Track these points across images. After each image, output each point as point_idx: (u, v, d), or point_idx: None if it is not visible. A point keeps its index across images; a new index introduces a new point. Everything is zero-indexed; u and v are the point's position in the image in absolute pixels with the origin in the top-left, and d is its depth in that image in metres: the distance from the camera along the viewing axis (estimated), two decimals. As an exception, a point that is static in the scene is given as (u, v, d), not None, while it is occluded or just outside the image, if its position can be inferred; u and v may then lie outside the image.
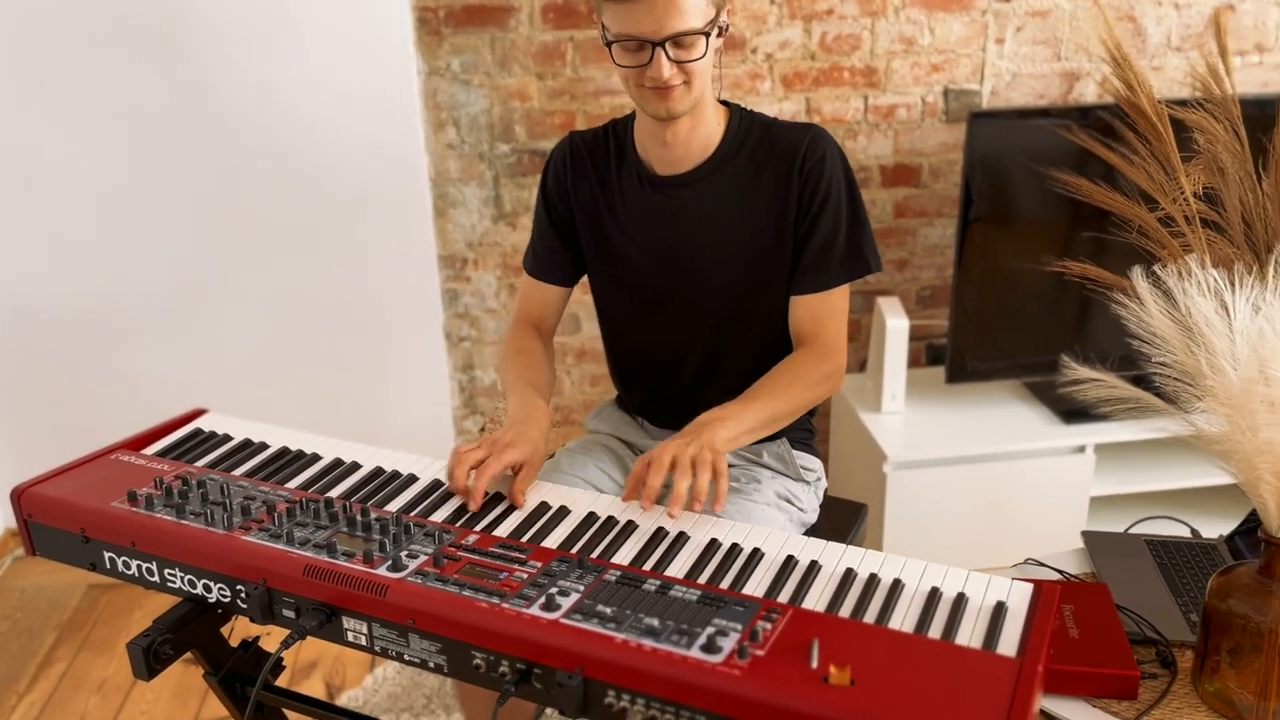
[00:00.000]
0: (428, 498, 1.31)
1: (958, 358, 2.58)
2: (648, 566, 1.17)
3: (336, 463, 1.40)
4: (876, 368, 2.63)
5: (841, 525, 1.79)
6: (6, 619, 2.59)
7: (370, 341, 2.83)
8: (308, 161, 2.64)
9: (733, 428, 1.40)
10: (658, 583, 1.10)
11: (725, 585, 1.13)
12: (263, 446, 1.44)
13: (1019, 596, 1.10)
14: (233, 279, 2.73)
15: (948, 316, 2.59)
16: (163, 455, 1.41)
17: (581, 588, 1.09)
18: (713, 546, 1.20)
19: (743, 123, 1.59)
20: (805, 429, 1.75)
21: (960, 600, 1.09)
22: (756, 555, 1.19)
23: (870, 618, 1.07)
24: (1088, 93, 2.75)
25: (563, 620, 1.03)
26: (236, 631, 1.35)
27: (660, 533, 1.23)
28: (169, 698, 2.28)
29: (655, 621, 1.02)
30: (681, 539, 1.22)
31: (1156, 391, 1.20)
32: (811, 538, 1.23)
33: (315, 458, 1.41)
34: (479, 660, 1.05)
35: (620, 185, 1.63)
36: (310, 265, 2.73)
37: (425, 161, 2.69)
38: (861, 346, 2.91)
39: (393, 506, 1.29)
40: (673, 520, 1.26)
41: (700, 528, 1.24)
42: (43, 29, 2.47)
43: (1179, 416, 1.18)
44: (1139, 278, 1.20)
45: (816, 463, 1.74)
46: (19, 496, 1.29)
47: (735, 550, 1.20)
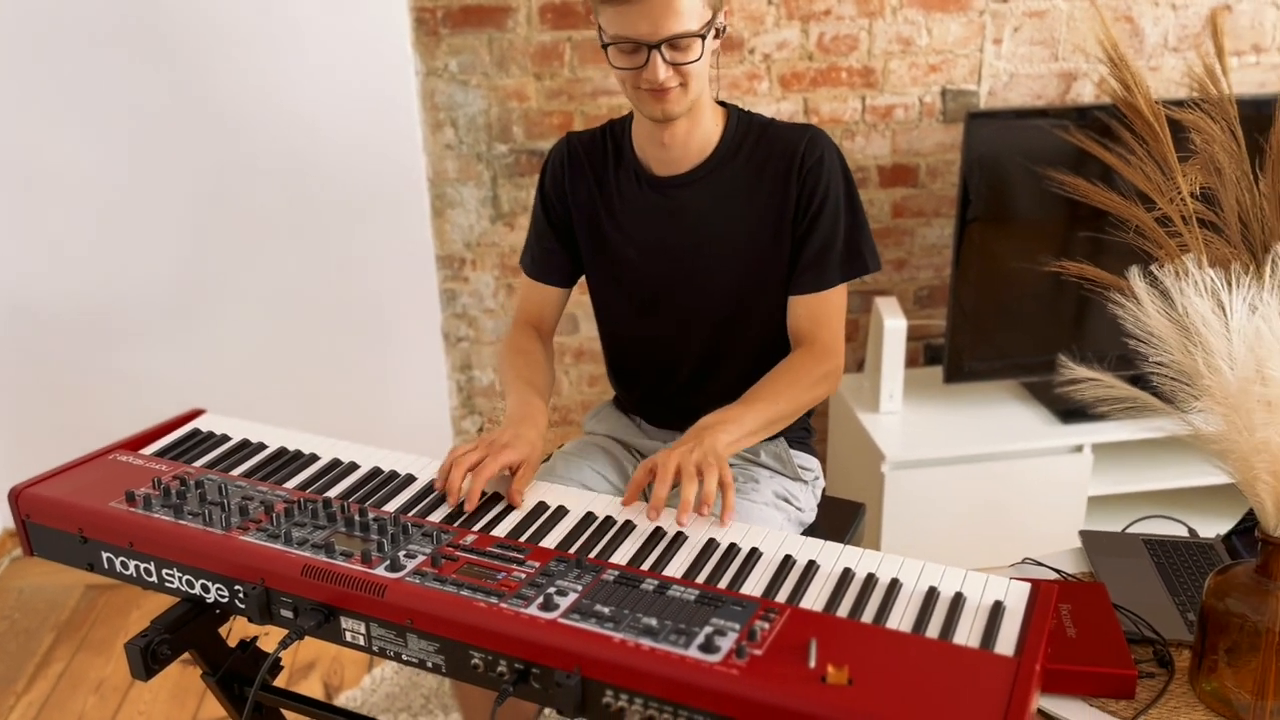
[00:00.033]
0: (426, 498, 1.31)
1: (955, 357, 2.58)
2: (646, 566, 1.17)
3: (334, 463, 1.40)
4: (874, 367, 2.63)
5: (839, 525, 1.79)
6: (4, 619, 2.58)
7: (368, 342, 2.83)
8: (306, 162, 2.64)
9: (733, 431, 1.40)
10: (656, 582, 1.10)
11: (723, 585, 1.13)
12: (261, 447, 1.44)
13: (1016, 596, 1.10)
14: (231, 279, 2.73)
15: (945, 316, 2.59)
16: (161, 455, 1.41)
17: (579, 587, 1.09)
18: (710, 546, 1.21)
19: (740, 123, 1.59)
20: (803, 428, 1.75)
21: (958, 600, 1.09)
22: (754, 555, 1.19)
23: (868, 617, 1.07)
24: (1085, 93, 2.75)
25: (561, 620, 1.03)
26: (234, 632, 1.35)
27: (658, 532, 1.24)
28: (167, 698, 2.28)
29: (653, 621, 1.03)
30: (679, 539, 1.22)
31: (1154, 391, 1.20)
32: (809, 537, 1.23)
33: (313, 458, 1.41)
34: (477, 660, 1.05)
35: (618, 186, 1.63)
36: (308, 265, 2.73)
37: (423, 162, 2.69)
38: (859, 346, 2.91)
39: (391, 506, 1.29)
40: (671, 520, 1.26)
41: (698, 528, 1.24)
42: (42, 30, 2.47)
43: (1176, 416, 1.19)
44: (1136, 277, 1.20)
45: (814, 462, 1.74)
46: (17, 497, 1.29)
47: (733, 550, 1.20)
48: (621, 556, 1.19)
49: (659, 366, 1.71)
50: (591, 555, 1.19)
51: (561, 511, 1.29)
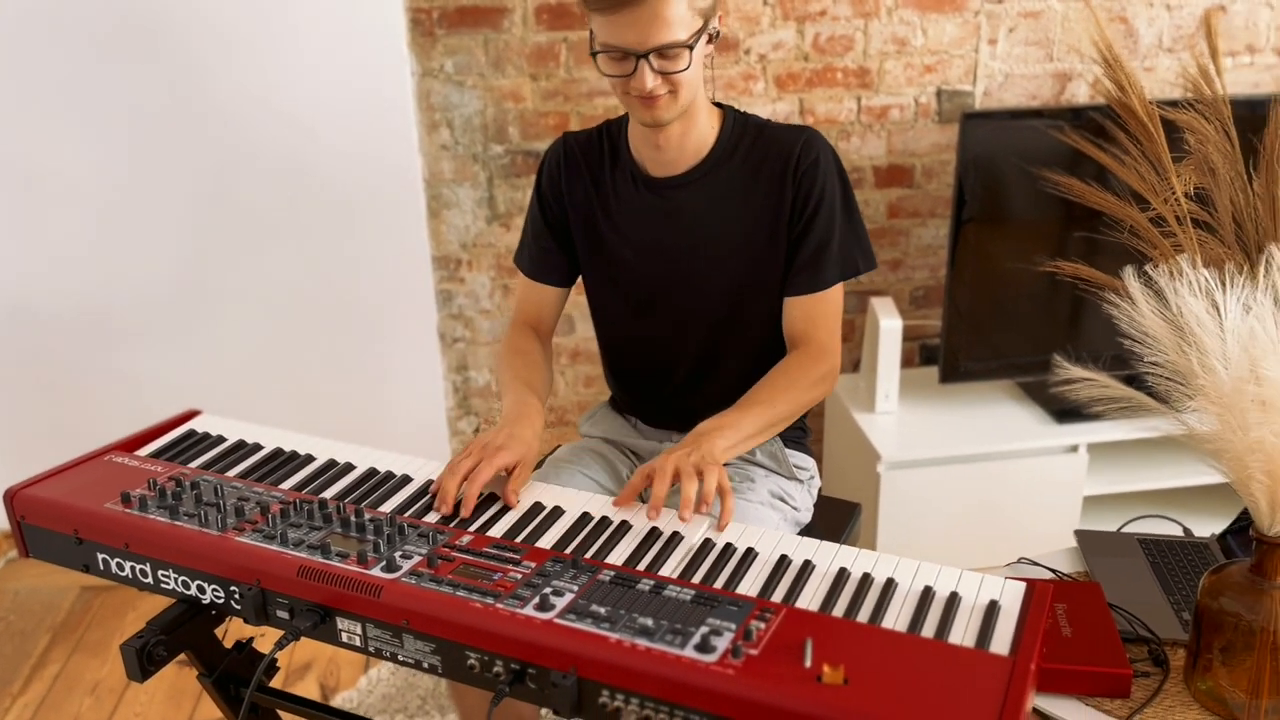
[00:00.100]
0: (422, 498, 1.31)
1: (951, 358, 2.59)
2: (642, 566, 1.17)
3: (330, 464, 1.40)
4: (870, 368, 2.63)
5: (835, 525, 1.79)
6: (0, 621, 2.58)
7: (364, 342, 2.83)
8: (302, 163, 2.64)
9: (730, 436, 1.41)
10: (652, 582, 1.10)
11: (719, 585, 1.13)
12: (257, 448, 1.44)
13: (1012, 595, 1.10)
14: (226, 279, 2.73)
15: (941, 316, 2.60)
16: (156, 456, 1.41)
17: (575, 588, 1.09)
18: (706, 546, 1.21)
19: (736, 125, 1.60)
20: (798, 428, 1.75)
21: (953, 599, 1.09)
22: (750, 555, 1.19)
23: (864, 617, 1.07)
24: (1080, 93, 2.75)
25: (557, 620, 1.03)
26: (231, 633, 1.34)
27: (654, 533, 1.24)
28: (163, 699, 2.28)
29: (649, 621, 1.03)
30: (675, 539, 1.22)
31: (1148, 391, 1.20)
32: (805, 537, 1.23)
33: (309, 459, 1.41)
34: (473, 660, 1.05)
35: (614, 186, 1.64)
36: (304, 266, 2.73)
37: (419, 163, 2.69)
38: (855, 347, 2.92)
39: (387, 507, 1.29)
40: (667, 520, 1.26)
41: (695, 528, 1.24)
42: (40, 31, 2.47)
43: (1171, 416, 1.19)
44: (1131, 278, 1.20)
45: (810, 461, 1.74)
46: (12, 498, 1.29)
47: (729, 550, 1.20)
48: (617, 557, 1.19)
49: (655, 367, 1.71)
50: (587, 555, 1.19)
51: (558, 512, 1.29)
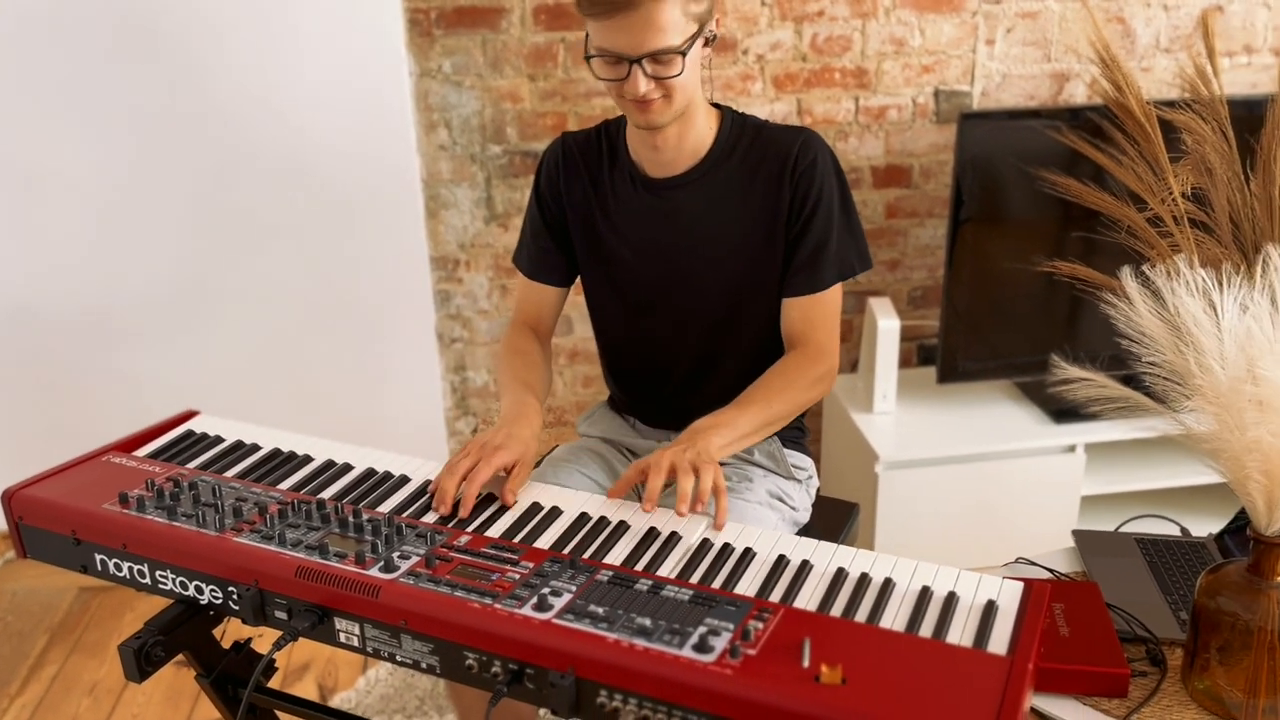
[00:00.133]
0: (420, 499, 1.31)
1: (949, 358, 2.59)
2: (640, 567, 1.17)
3: (328, 464, 1.40)
4: (868, 368, 2.63)
5: (833, 525, 1.79)
6: (-3, 622, 2.58)
7: (362, 343, 2.83)
8: (300, 163, 2.64)
9: (726, 435, 1.41)
10: (650, 583, 1.10)
11: (717, 585, 1.13)
12: (254, 448, 1.44)
13: (1009, 595, 1.10)
14: (225, 280, 2.73)
15: (939, 317, 2.60)
16: (154, 457, 1.41)
17: (574, 588, 1.09)
18: (704, 546, 1.21)
19: (734, 125, 1.60)
20: (796, 428, 1.75)
21: (951, 599, 1.09)
22: (748, 555, 1.19)
23: (862, 617, 1.07)
24: (1077, 94, 2.76)
25: (555, 620, 1.03)
26: (228, 633, 1.34)
27: (652, 533, 1.24)
28: (160, 700, 2.28)
29: (647, 621, 1.03)
30: (673, 539, 1.22)
31: (1146, 391, 1.21)
32: (803, 537, 1.23)
33: (307, 459, 1.41)
34: (471, 661, 1.05)
35: (613, 186, 1.64)
36: (303, 267, 2.73)
37: (417, 163, 2.69)
38: (853, 347, 2.92)
39: (385, 508, 1.29)
40: (664, 519, 1.26)
41: (692, 528, 1.25)
42: (40, 31, 2.47)
43: (1168, 416, 1.19)
44: (1128, 278, 1.21)
45: (808, 461, 1.75)
46: (9, 499, 1.29)
47: (727, 550, 1.20)
48: (615, 557, 1.19)
49: (654, 367, 1.71)
50: (586, 556, 1.19)
51: (555, 512, 1.29)
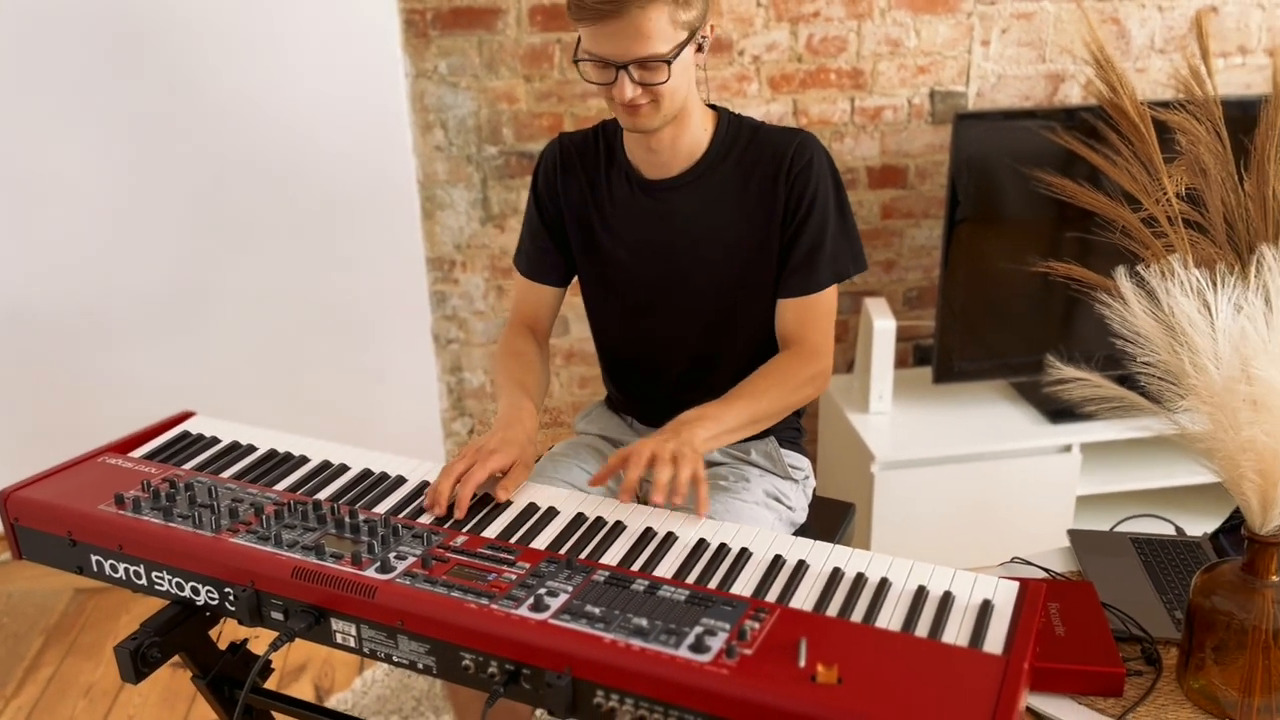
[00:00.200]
0: (416, 499, 1.31)
1: (944, 358, 2.59)
2: (636, 567, 1.17)
3: (325, 465, 1.40)
4: (864, 368, 2.64)
5: (829, 525, 1.80)
6: (-8, 624, 2.58)
7: (358, 344, 2.82)
8: (295, 164, 2.64)
9: (712, 427, 1.41)
10: (646, 583, 1.10)
11: (713, 585, 1.13)
12: (251, 449, 1.44)
13: (1005, 595, 1.10)
14: (221, 281, 2.72)
15: (934, 317, 2.60)
16: (150, 458, 1.41)
17: (570, 588, 1.09)
18: (701, 546, 1.21)
19: (730, 127, 1.60)
20: (793, 428, 1.76)
21: (947, 599, 1.09)
22: (744, 555, 1.19)
23: (857, 616, 1.07)
24: (1072, 94, 2.76)
25: (551, 621, 1.03)
26: (225, 634, 1.34)
27: (649, 533, 1.24)
28: (157, 701, 2.28)
29: (644, 621, 1.03)
30: (670, 539, 1.23)
31: (1141, 391, 1.21)
32: (799, 537, 1.23)
33: (303, 460, 1.41)
34: (468, 661, 1.05)
35: (610, 187, 1.64)
36: (298, 268, 2.73)
37: (413, 164, 2.69)
38: (849, 347, 2.92)
39: (381, 508, 1.29)
40: (661, 519, 1.26)
41: (689, 528, 1.25)
42: (33, 33, 2.46)
43: (1163, 415, 1.19)
44: (1123, 278, 1.21)
45: (805, 461, 1.75)
46: (5, 500, 1.29)
47: (723, 550, 1.20)
48: (612, 557, 1.19)
49: (651, 367, 1.71)
50: (582, 556, 1.19)
51: (552, 513, 1.29)
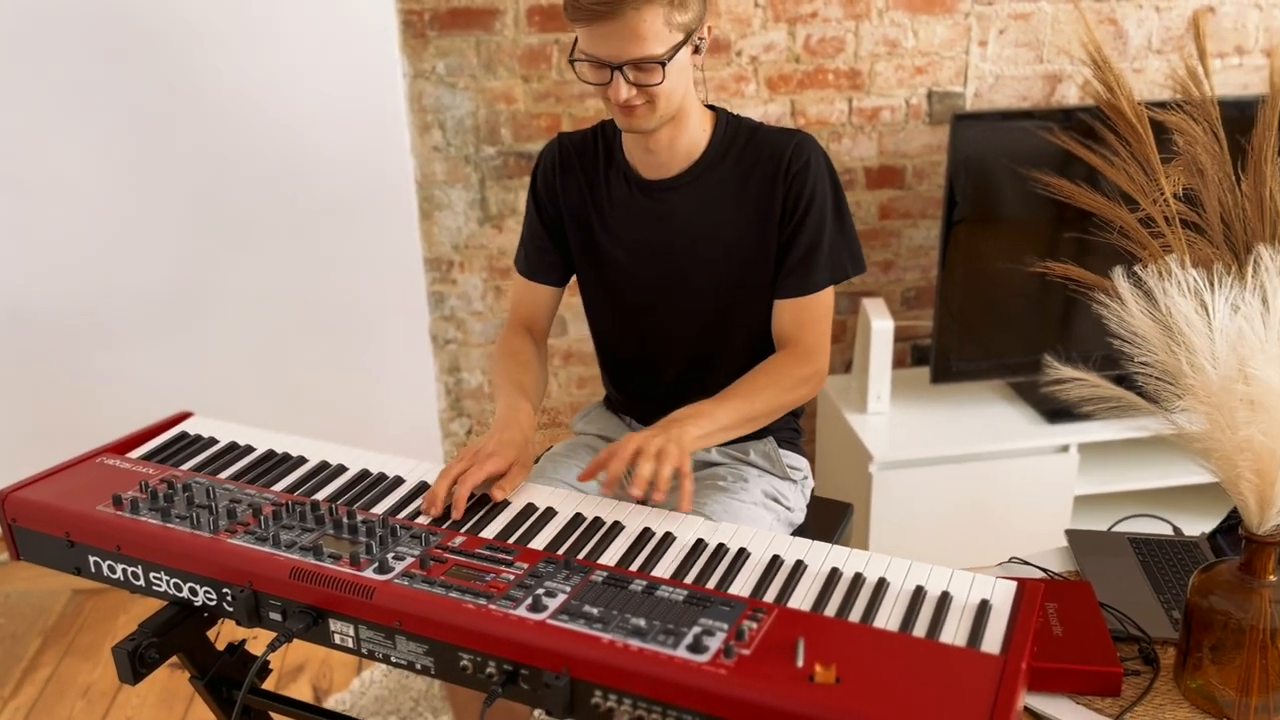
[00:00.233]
0: (414, 500, 1.31)
1: (942, 358, 2.60)
2: (634, 567, 1.17)
3: (323, 465, 1.40)
4: (862, 368, 2.64)
5: (827, 525, 1.80)
6: (-10, 625, 2.58)
7: (356, 344, 2.82)
8: (293, 165, 2.63)
9: (704, 425, 1.41)
10: (644, 583, 1.10)
11: (711, 585, 1.13)
12: (248, 449, 1.44)
13: (1003, 594, 1.10)
14: (218, 282, 2.72)
15: (932, 317, 2.60)
16: (148, 459, 1.41)
17: (568, 588, 1.09)
18: (699, 547, 1.21)
19: (729, 128, 1.60)
20: (792, 429, 1.76)
21: (944, 599, 1.09)
22: (742, 555, 1.19)
23: (855, 616, 1.08)
24: (1070, 95, 2.76)
25: (549, 621, 1.03)
26: (223, 635, 1.34)
27: (647, 533, 1.24)
28: (155, 702, 2.27)
29: (642, 621, 1.03)
30: (668, 539, 1.23)
31: (1138, 391, 1.21)
32: (797, 537, 1.23)
33: (301, 460, 1.41)
34: (466, 661, 1.05)
35: (608, 187, 1.64)
36: (296, 268, 2.73)
37: (411, 164, 2.69)
38: (847, 347, 2.92)
39: (379, 509, 1.29)
40: (659, 519, 1.26)
41: (687, 528, 1.25)
42: (31, 33, 2.46)
43: (1160, 415, 1.20)
44: (1120, 278, 1.21)
45: (803, 462, 1.75)
46: (2, 501, 1.29)
47: (721, 550, 1.20)
48: (610, 557, 1.19)
49: (649, 367, 1.71)
50: (580, 556, 1.19)
51: (550, 513, 1.29)
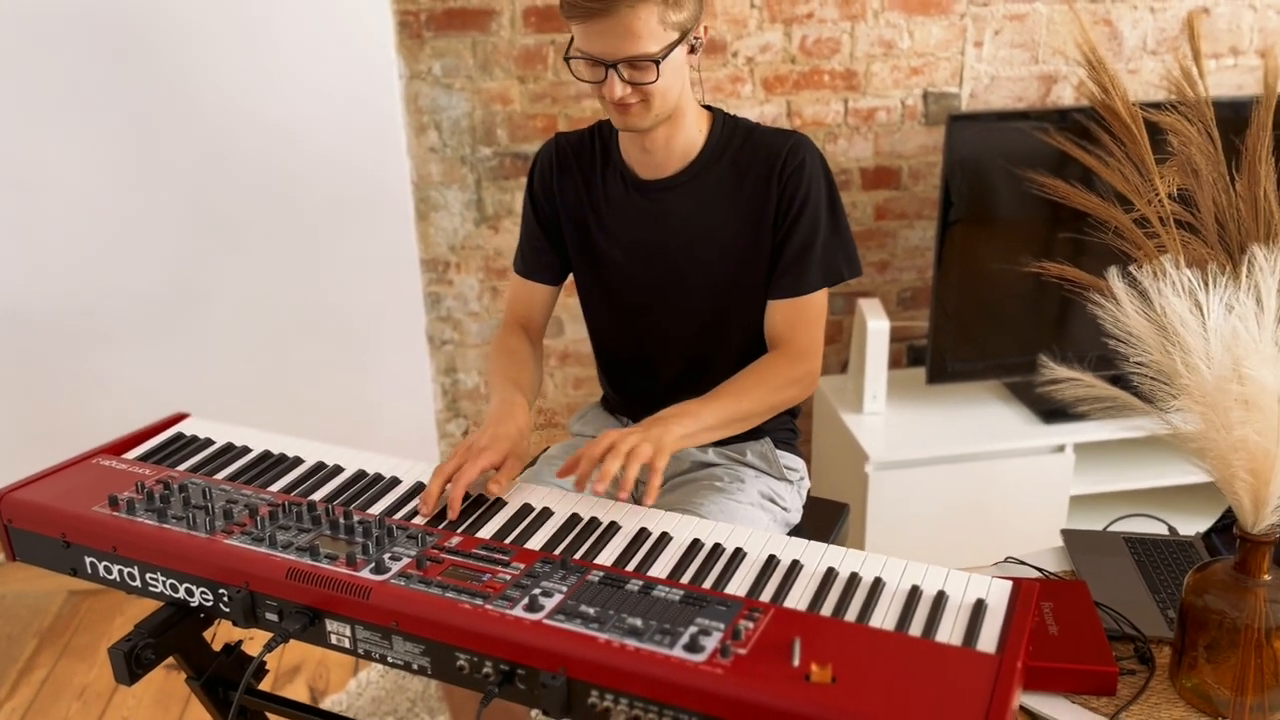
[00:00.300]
0: (411, 500, 1.31)
1: (938, 358, 2.60)
2: (630, 567, 1.17)
3: (319, 466, 1.40)
4: (858, 369, 2.64)
5: (823, 525, 1.80)
6: (-14, 626, 2.57)
7: (353, 345, 2.82)
8: (290, 166, 2.63)
9: (688, 424, 1.41)
10: (640, 583, 1.10)
11: (708, 585, 1.13)
12: (245, 450, 1.44)
13: (998, 594, 1.11)
14: (215, 283, 2.72)
15: (928, 318, 2.61)
16: (144, 460, 1.41)
17: (565, 588, 1.09)
18: (695, 546, 1.21)
19: (725, 128, 1.60)
20: (788, 429, 1.76)
21: (940, 598, 1.10)
22: (739, 555, 1.19)
23: (851, 616, 1.08)
24: (1065, 95, 2.77)
25: (546, 621, 1.03)
26: (219, 636, 1.34)
27: (643, 533, 1.24)
28: (151, 703, 2.27)
29: (638, 621, 1.03)
30: (664, 539, 1.23)
31: (1134, 391, 1.21)
32: (793, 537, 1.23)
33: (298, 461, 1.41)
34: (462, 662, 1.05)
35: (605, 187, 1.64)
36: (293, 269, 2.73)
37: (407, 165, 2.69)
38: (843, 348, 2.92)
39: (375, 509, 1.29)
40: (656, 521, 1.26)
41: (683, 528, 1.25)
42: (25, 34, 2.46)
43: (1156, 415, 1.20)
44: (1115, 278, 1.21)
45: (800, 463, 1.75)
46: (-1, 502, 1.29)
47: (718, 550, 1.21)
48: (606, 557, 1.19)
49: (645, 367, 1.72)
50: (577, 556, 1.19)
51: (546, 513, 1.29)
